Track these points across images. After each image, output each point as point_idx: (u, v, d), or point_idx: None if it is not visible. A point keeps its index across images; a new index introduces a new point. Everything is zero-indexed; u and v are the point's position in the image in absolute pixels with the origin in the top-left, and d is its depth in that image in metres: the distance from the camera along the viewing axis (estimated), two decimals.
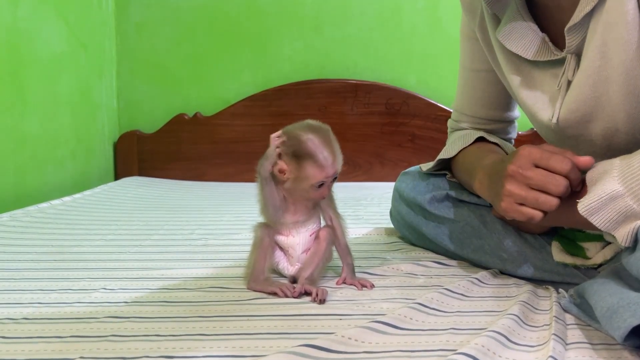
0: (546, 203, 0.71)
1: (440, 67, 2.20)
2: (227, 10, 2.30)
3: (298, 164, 0.82)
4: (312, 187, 0.84)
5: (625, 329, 0.57)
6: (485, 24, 0.95)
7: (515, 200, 0.73)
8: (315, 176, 0.83)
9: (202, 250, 1.12)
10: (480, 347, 0.60)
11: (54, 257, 1.06)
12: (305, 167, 0.82)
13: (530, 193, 0.71)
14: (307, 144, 0.82)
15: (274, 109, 2.23)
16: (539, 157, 0.72)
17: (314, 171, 0.82)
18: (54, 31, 1.92)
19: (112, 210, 1.61)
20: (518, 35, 0.85)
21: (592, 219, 0.68)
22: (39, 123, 1.83)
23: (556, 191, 0.70)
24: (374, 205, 1.64)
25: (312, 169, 0.82)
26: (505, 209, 0.75)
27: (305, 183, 0.83)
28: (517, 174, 0.73)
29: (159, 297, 0.82)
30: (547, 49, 0.84)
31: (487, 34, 0.95)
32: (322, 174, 0.83)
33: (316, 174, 0.83)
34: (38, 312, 0.76)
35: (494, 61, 0.96)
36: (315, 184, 0.83)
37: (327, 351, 0.61)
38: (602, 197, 0.67)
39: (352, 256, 0.90)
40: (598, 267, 0.84)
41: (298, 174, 0.83)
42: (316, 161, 0.82)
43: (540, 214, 0.72)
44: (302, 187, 0.84)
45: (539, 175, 0.71)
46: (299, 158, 0.82)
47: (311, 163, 0.82)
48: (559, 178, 0.70)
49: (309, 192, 0.85)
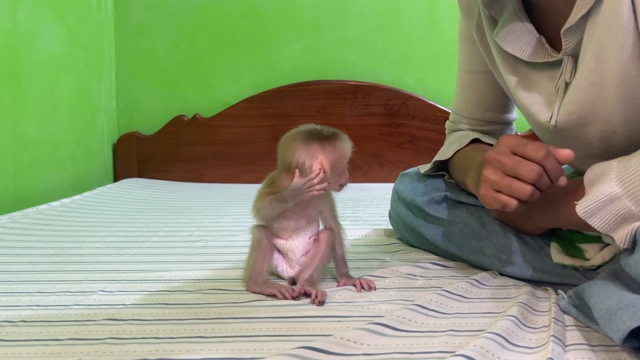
0: (519, 190, 0.71)
1: (439, 68, 2.20)
2: (227, 12, 2.30)
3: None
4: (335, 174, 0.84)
5: (624, 331, 0.56)
6: (482, 26, 0.95)
7: (491, 186, 0.74)
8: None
9: (201, 252, 1.12)
10: (479, 348, 0.60)
11: (52, 260, 1.06)
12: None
13: (505, 180, 0.72)
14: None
15: (273, 111, 2.23)
16: (515, 144, 0.72)
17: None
18: (53, 33, 1.92)
19: (111, 212, 1.61)
20: (515, 36, 0.85)
21: (590, 220, 0.68)
22: (38, 125, 1.83)
23: (528, 177, 0.70)
24: (373, 206, 1.64)
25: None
26: (482, 196, 0.76)
27: (333, 173, 0.84)
28: (493, 159, 0.74)
29: (157, 300, 0.82)
30: (543, 51, 0.84)
31: (484, 35, 0.95)
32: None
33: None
34: (36, 314, 0.76)
35: (492, 63, 0.96)
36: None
37: (325, 353, 0.61)
38: (600, 199, 0.67)
39: (348, 267, 0.90)
40: (597, 268, 0.84)
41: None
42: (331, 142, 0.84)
43: (514, 201, 0.72)
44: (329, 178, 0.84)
45: (513, 161, 0.71)
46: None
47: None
48: (532, 164, 0.70)
49: (334, 186, 0.85)
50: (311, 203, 0.86)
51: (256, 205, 0.87)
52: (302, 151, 0.83)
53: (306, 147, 0.83)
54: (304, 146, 0.83)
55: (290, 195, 0.82)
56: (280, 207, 0.84)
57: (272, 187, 0.85)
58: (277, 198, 0.84)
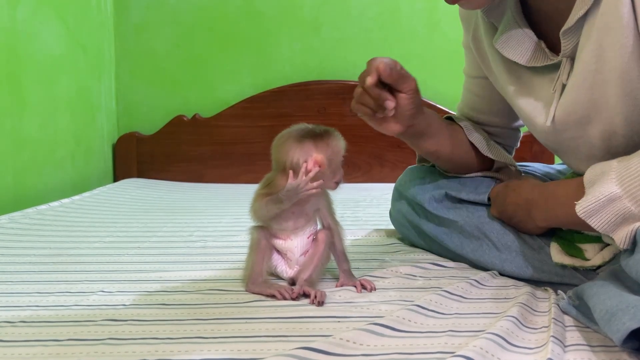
0: (356, 92, 0.92)
1: (439, 69, 2.20)
2: (226, 12, 2.30)
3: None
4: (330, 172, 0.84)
5: (624, 332, 0.56)
6: (478, 35, 0.96)
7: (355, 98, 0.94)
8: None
9: (201, 253, 1.12)
10: (478, 349, 0.60)
11: (52, 260, 1.06)
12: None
13: (358, 89, 0.91)
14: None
15: (273, 111, 2.23)
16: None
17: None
18: (52, 33, 1.92)
19: (110, 212, 1.61)
20: (514, 42, 0.86)
21: (590, 220, 0.68)
22: (38, 125, 1.83)
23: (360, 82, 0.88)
24: (373, 206, 1.64)
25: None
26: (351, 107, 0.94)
27: (327, 171, 0.84)
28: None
29: (157, 300, 0.82)
30: (542, 54, 0.84)
31: (481, 44, 0.96)
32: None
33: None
34: (36, 315, 0.76)
35: (488, 70, 0.97)
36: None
37: (325, 354, 0.61)
38: (600, 199, 0.67)
39: (349, 262, 0.90)
40: (597, 268, 0.84)
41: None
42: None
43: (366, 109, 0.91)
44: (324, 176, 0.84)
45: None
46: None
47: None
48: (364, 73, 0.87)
49: (328, 183, 0.85)
50: (308, 202, 0.86)
51: (253, 207, 0.87)
52: (296, 150, 0.83)
53: (299, 146, 0.83)
54: (297, 145, 0.83)
55: (286, 196, 0.82)
56: (277, 208, 0.84)
57: (268, 188, 0.85)
58: (274, 199, 0.84)
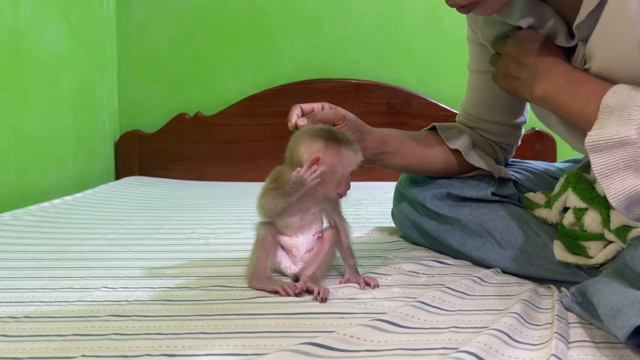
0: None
1: (441, 67, 2.20)
2: (229, 10, 2.30)
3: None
4: (335, 182, 0.84)
5: (629, 327, 0.56)
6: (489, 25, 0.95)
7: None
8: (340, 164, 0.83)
9: (203, 249, 1.12)
10: (482, 345, 0.60)
11: (55, 256, 1.06)
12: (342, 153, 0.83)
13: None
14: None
15: (275, 109, 2.23)
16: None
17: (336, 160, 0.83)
18: (55, 31, 1.92)
19: (113, 209, 1.61)
20: (536, 21, 0.85)
21: (592, 155, 0.66)
22: (40, 123, 1.83)
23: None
24: (375, 204, 1.64)
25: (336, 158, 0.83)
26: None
27: (330, 177, 0.83)
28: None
29: (160, 296, 0.82)
30: (564, 37, 0.84)
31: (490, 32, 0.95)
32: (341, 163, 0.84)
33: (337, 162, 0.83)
34: (39, 310, 0.76)
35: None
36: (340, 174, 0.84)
37: (328, 349, 0.61)
38: (612, 138, 0.65)
39: (355, 258, 0.90)
40: (600, 266, 0.84)
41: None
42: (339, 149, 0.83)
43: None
44: (327, 181, 0.83)
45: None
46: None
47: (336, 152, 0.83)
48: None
49: (331, 191, 0.85)
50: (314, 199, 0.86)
51: (260, 201, 0.87)
52: (305, 146, 0.83)
53: (310, 142, 0.83)
54: (309, 141, 0.83)
55: (293, 189, 0.82)
56: (284, 201, 0.84)
57: (276, 182, 0.85)
58: (281, 193, 0.84)
